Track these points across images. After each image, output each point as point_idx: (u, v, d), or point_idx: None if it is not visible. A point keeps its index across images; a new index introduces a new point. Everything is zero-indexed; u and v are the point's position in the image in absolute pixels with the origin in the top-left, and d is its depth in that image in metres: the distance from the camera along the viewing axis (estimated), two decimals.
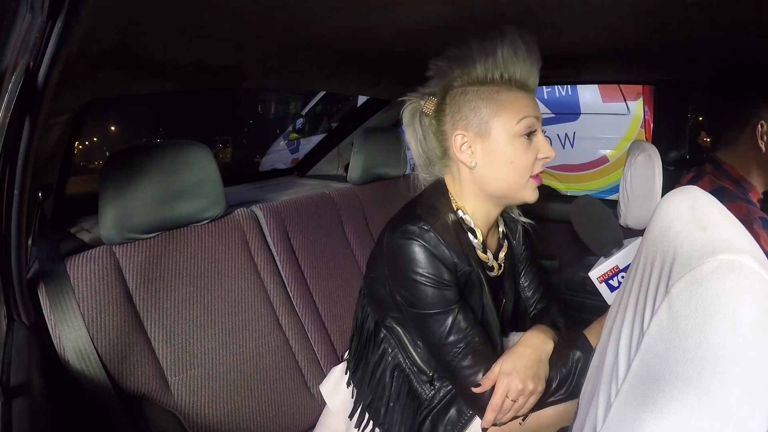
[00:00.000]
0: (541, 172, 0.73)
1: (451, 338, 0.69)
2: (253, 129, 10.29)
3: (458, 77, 0.72)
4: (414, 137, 0.79)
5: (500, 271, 0.81)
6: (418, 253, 0.68)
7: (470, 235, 0.75)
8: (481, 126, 0.70)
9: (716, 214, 0.43)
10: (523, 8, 0.68)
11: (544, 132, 0.73)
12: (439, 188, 0.78)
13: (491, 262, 0.78)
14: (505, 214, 0.86)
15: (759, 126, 0.83)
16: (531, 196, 0.73)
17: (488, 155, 0.71)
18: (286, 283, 1.01)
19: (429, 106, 0.76)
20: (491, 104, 0.69)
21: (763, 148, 0.83)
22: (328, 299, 1.08)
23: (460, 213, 0.75)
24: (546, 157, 0.71)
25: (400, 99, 0.79)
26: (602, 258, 0.80)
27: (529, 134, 0.70)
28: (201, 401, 0.82)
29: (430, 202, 0.75)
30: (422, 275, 0.68)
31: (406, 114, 0.78)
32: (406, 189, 0.82)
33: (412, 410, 0.77)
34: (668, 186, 0.80)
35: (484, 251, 0.77)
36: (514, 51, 0.68)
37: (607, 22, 0.75)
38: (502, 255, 0.82)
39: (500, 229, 0.84)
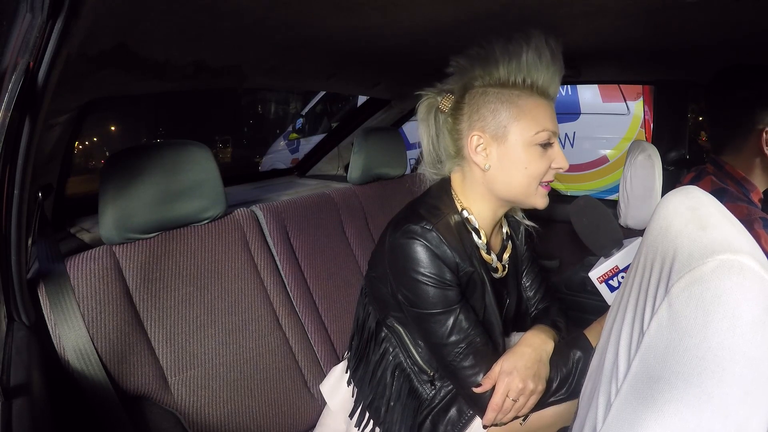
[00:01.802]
0: (551, 181, 0.73)
1: (453, 338, 0.69)
2: (253, 129, 10.31)
3: (479, 77, 0.71)
4: (427, 133, 0.78)
5: (504, 272, 0.81)
6: (420, 252, 0.68)
7: (474, 236, 0.75)
8: (498, 129, 0.70)
9: (716, 214, 0.43)
10: (522, 8, 0.68)
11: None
12: (444, 188, 0.77)
13: (495, 263, 0.78)
14: (508, 215, 0.86)
15: (765, 133, 0.82)
16: (541, 202, 0.73)
17: (503, 159, 0.70)
18: (286, 283, 1.01)
19: (446, 103, 0.74)
20: (511, 108, 0.69)
21: None
22: (328, 299, 1.08)
23: (465, 213, 0.75)
24: (559, 168, 0.72)
25: (417, 93, 0.78)
26: (602, 258, 0.80)
27: (545, 145, 0.70)
28: (201, 401, 0.82)
29: (433, 202, 0.75)
30: (424, 275, 0.68)
31: (422, 109, 0.77)
32: (410, 187, 0.81)
33: (412, 410, 0.77)
34: (668, 186, 0.80)
35: (488, 252, 0.77)
36: (538, 56, 0.67)
37: (607, 22, 0.75)
38: (506, 256, 0.82)
39: (504, 230, 0.84)
